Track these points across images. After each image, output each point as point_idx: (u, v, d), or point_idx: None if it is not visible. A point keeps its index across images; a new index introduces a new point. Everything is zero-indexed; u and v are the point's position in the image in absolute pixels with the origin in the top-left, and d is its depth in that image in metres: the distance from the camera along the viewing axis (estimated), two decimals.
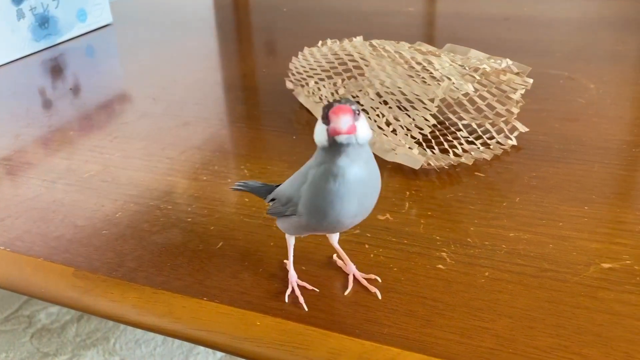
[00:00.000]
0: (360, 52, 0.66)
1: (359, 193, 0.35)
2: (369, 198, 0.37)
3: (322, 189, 0.35)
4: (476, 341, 0.37)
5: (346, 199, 0.35)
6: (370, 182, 0.36)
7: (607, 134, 0.60)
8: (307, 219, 0.37)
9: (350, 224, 0.37)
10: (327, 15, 1.10)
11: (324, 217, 0.36)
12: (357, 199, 0.35)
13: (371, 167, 0.36)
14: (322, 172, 0.35)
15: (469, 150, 0.59)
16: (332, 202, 0.35)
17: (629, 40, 0.87)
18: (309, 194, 0.36)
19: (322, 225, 0.37)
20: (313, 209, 0.36)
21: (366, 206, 0.37)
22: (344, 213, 0.36)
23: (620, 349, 0.35)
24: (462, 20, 1.04)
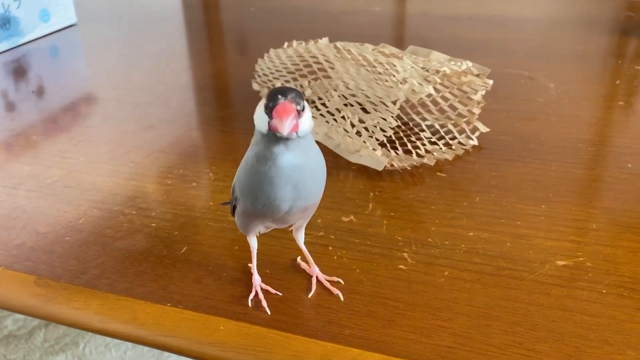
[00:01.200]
0: (325, 54, 0.66)
1: (294, 179, 0.35)
2: (308, 185, 0.37)
3: (253, 171, 0.36)
4: (435, 340, 0.38)
5: (276, 183, 0.35)
6: (307, 169, 0.36)
7: (564, 132, 0.62)
8: (243, 202, 0.38)
9: (290, 209, 0.37)
10: (294, 15, 1.10)
11: (256, 198, 0.36)
12: (291, 185, 0.36)
13: (311, 155, 0.36)
14: (254, 154, 0.36)
15: (431, 150, 0.60)
16: (261, 184, 0.36)
17: (589, 40, 0.89)
18: (242, 176, 0.37)
19: (257, 209, 0.37)
20: (245, 190, 0.37)
21: (305, 192, 0.37)
22: (275, 196, 0.36)
23: (571, 343, 0.37)
24: (428, 20, 1.05)
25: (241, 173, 0.38)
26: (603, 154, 0.58)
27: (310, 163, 0.36)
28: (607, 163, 0.56)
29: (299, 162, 0.35)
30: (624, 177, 0.54)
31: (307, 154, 0.36)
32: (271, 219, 0.38)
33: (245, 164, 0.37)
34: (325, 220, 0.50)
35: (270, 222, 0.39)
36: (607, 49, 0.86)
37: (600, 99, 0.70)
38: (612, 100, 0.69)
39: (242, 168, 0.37)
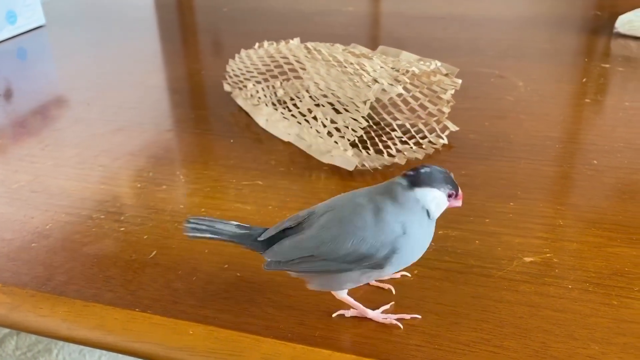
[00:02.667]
0: (296, 55, 0.66)
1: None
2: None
3: (422, 243, 0.38)
4: (404, 339, 0.38)
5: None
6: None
7: (533, 130, 0.63)
8: (389, 269, 0.37)
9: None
10: (267, 16, 1.10)
11: (409, 263, 0.38)
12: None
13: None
14: (426, 229, 0.38)
15: (402, 150, 0.60)
16: (422, 252, 0.39)
17: (557, 38, 0.91)
18: (412, 249, 0.38)
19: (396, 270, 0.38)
20: (409, 259, 0.38)
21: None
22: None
23: (537, 339, 0.37)
24: (401, 20, 1.06)
25: (409, 249, 0.37)
26: (570, 151, 0.59)
27: None
28: (574, 160, 0.57)
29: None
30: (590, 174, 0.55)
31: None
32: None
33: (418, 240, 0.38)
34: None
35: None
36: (575, 48, 0.87)
37: (568, 97, 0.71)
38: (579, 98, 0.70)
39: (413, 243, 0.37)
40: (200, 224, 0.39)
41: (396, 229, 0.36)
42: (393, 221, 0.36)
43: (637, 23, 0.87)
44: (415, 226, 0.37)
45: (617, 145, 0.59)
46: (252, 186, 0.55)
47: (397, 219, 0.36)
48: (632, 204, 0.50)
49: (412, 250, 0.37)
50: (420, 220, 0.37)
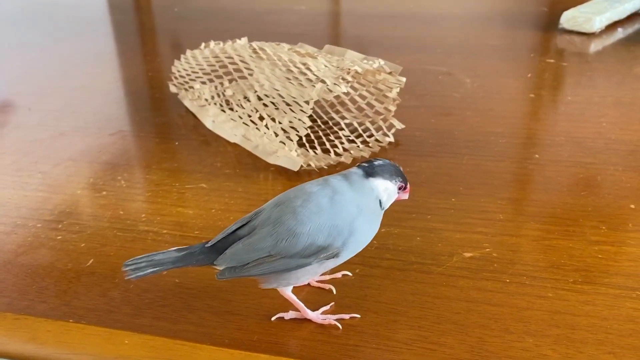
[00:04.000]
0: (241, 55, 0.65)
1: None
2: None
3: (374, 232, 0.39)
4: (342, 339, 0.38)
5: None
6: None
7: (477, 126, 0.64)
8: (348, 255, 0.38)
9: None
10: (219, 15, 1.08)
11: (360, 249, 0.38)
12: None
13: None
14: (376, 219, 0.39)
15: (349, 149, 0.60)
16: (369, 241, 0.39)
17: (505, 35, 0.92)
18: (363, 236, 0.38)
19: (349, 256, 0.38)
20: (361, 244, 0.38)
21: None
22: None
23: (474, 334, 0.38)
24: (351, 18, 1.06)
25: (361, 236, 0.38)
26: (513, 146, 0.59)
27: None
28: (517, 155, 0.58)
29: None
30: (531, 168, 0.56)
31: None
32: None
33: (367, 228, 0.38)
34: None
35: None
36: (522, 44, 0.89)
37: (513, 93, 0.72)
38: (523, 93, 0.71)
39: (364, 232, 0.38)
40: (139, 262, 0.37)
41: (352, 210, 0.37)
42: (350, 203, 0.37)
43: (581, 19, 0.89)
44: (369, 211, 0.38)
45: (558, 139, 0.60)
46: (195, 189, 0.54)
47: (353, 201, 0.37)
48: (570, 196, 0.51)
49: (366, 234, 0.38)
50: (374, 208, 0.38)
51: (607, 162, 0.55)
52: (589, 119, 0.64)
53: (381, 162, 0.39)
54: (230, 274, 0.37)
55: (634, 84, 0.72)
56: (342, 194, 0.37)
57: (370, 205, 0.38)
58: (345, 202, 0.37)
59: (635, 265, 0.43)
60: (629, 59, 0.80)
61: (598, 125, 0.62)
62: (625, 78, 0.74)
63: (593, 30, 0.88)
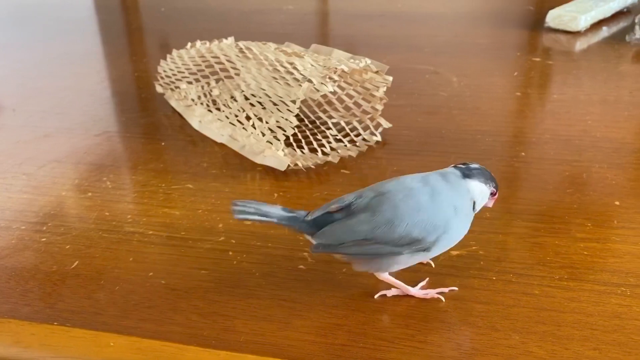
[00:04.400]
0: (227, 54, 0.65)
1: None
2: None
3: (464, 229, 0.40)
4: (330, 339, 0.38)
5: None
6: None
7: (464, 125, 0.64)
8: (435, 252, 0.39)
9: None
10: (205, 15, 1.08)
11: (450, 247, 0.40)
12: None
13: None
14: (470, 216, 0.40)
15: (336, 148, 0.60)
16: (459, 239, 0.40)
17: (492, 33, 0.93)
18: (457, 232, 0.39)
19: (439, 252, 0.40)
20: (452, 241, 0.39)
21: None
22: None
23: (460, 332, 0.38)
24: (339, 17, 1.06)
25: (455, 232, 0.39)
26: (499, 144, 0.60)
27: None
28: (503, 153, 0.58)
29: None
30: (517, 166, 0.56)
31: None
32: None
33: (463, 225, 0.39)
34: (227, 225, 0.49)
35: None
36: (508, 42, 0.89)
37: (499, 91, 0.72)
38: (510, 92, 0.72)
39: (460, 227, 0.39)
40: (248, 206, 0.39)
41: (449, 210, 0.38)
42: (447, 203, 0.38)
43: (566, 18, 0.89)
44: (463, 211, 0.39)
45: (544, 137, 0.61)
46: (181, 190, 0.54)
47: (451, 201, 0.38)
48: (556, 194, 0.51)
49: (458, 234, 0.39)
50: (468, 209, 0.39)
51: (593, 160, 0.56)
52: (574, 117, 0.64)
53: (477, 166, 0.40)
54: (325, 249, 0.39)
55: (619, 82, 0.73)
56: (441, 193, 0.38)
57: (465, 205, 0.39)
58: (443, 201, 0.38)
59: (620, 261, 0.43)
60: (614, 57, 0.80)
61: (584, 123, 0.62)
62: (611, 76, 0.75)
63: (578, 28, 0.88)
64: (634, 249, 0.44)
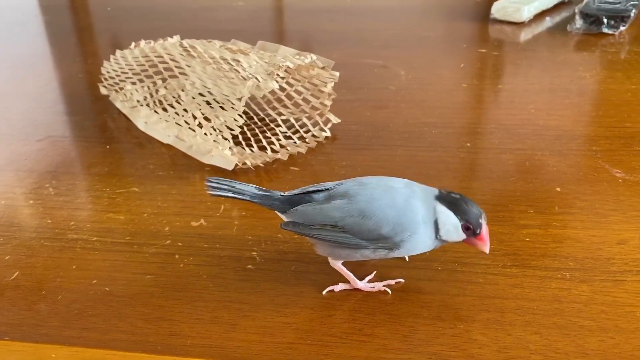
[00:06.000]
0: (171, 54, 0.64)
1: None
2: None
3: (425, 247, 0.39)
4: (277, 338, 0.38)
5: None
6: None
7: (411, 118, 0.64)
8: (397, 253, 0.39)
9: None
10: (153, 13, 1.06)
11: (411, 253, 0.40)
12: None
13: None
14: (431, 241, 0.39)
15: (286, 145, 0.60)
16: (424, 250, 0.40)
17: (438, 26, 0.94)
18: (415, 247, 0.39)
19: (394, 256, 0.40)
20: (415, 249, 0.39)
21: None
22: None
23: (406, 324, 0.38)
24: (289, 13, 1.05)
25: (414, 245, 0.38)
26: (445, 136, 0.61)
27: None
28: (449, 144, 0.59)
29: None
30: (462, 156, 0.57)
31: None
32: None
33: (422, 243, 0.38)
34: (173, 228, 0.48)
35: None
36: (455, 34, 0.90)
37: (446, 83, 0.73)
38: (456, 84, 0.73)
39: (418, 243, 0.38)
40: (222, 183, 0.40)
41: (419, 217, 0.37)
42: (419, 210, 0.38)
43: (510, 9, 0.91)
44: (430, 228, 0.38)
45: (489, 127, 0.62)
46: (127, 194, 0.53)
47: (422, 210, 0.38)
48: (500, 182, 0.52)
49: (422, 244, 0.38)
50: (431, 230, 0.38)
51: (535, 148, 0.57)
52: (518, 107, 0.66)
53: (457, 196, 0.38)
54: (294, 228, 0.39)
55: (561, 70, 0.75)
56: (417, 199, 0.38)
57: (430, 223, 0.38)
58: (416, 207, 0.38)
59: (560, 246, 0.44)
60: (556, 47, 0.82)
61: (527, 112, 0.64)
62: (553, 65, 0.77)
63: (522, 19, 0.90)
64: (573, 233, 0.46)
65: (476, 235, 0.38)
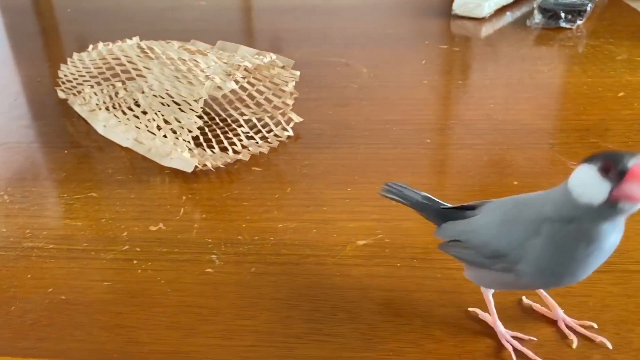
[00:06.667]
0: (128, 56, 0.63)
1: (603, 259, 0.30)
2: (604, 260, 0.31)
3: (568, 252, 0.29)
4: (236, 341, 0.37)
5: (592, 265, 0.29)
6: (615, 247, 0.30)
7: (373, 115, 0.65)
8: (531, 280, 0.31)
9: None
10: (114, 14, 1.04)
11: (557, 280, 0.31)
12: (598, 264, 0.30)
13: (622, 231, 0.30)
14: (573, 232, 0.28)
15: (247, 145, 0.59)
16: (576, 268, 0.29)
17: (400, 23, 0.95)
18: (546, 254, 0.30)
19: (544, 286, 0.33)
20: (547, 271, 0.30)
21: (595, 268, 0.31)
22: (580, 278, 0.30)
23: (366, 321, 0.38)
24: (252, 12, 1.05)
25: (543, 255, 0.30)
26: (406, 132, 0.61)
27: (619, 240, 0.30)
28: (409, 140, 0.59)
29: (617, 241, 0.29)
30: (422, 152, 0.57)
31: (621, 230, 0.29)
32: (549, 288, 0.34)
33: (552, 245, 0.29)
34: (132, 233, 0.48)
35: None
36: (417, 31, 0.91)
37: (407, 80, 0.74)
38: (417, 80, 0.73)
39: (546, 249, 0.30)
40: (395, 188, 0.40)
41: (529, 231, 0.30)
42: (532, 220, 0.30)
43: (471, 5, 0.92)
44: (557, 229, 0.29)
45: (448, 123, 0.62)
46: (85, 199, 0.52)
47: (537, 219, 0.30)
48: (459, 177, 0.53)
49: (553, 258, 0.30)
50: (564, 221, 0.29)
51: (493, 142, 0.58)
52: (477, 102, 0.66)
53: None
54: (441, 246, 0.37)
55: (520, 65, 0.76)
56: (530, 206, 0.32)
57: (559, 220, 0.29)
58: (525, 218, 0.31)
59: None
60: (516, 41, 0.84)
61: (486, 107, 0.65)
62: (513, 60, 0.78)
63: (483, 15, 0.92)
64: None
65: (624, 177, 0.26)
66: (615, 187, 0.26)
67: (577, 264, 0.29)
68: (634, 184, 0.26)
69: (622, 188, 0.26)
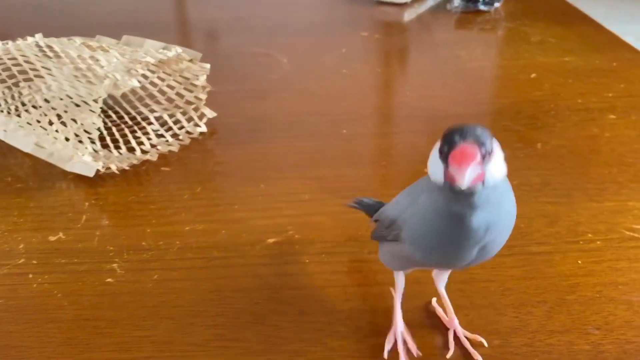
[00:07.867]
0: (25, 55, 0.59)
1: (484, 241, 0.28)
2: (498, 243, 0.29)
3: (433, 228, 0.28)
4: (134, 353, 0.36)
5: (464, 246, 0.28)
6: (500, 227, 0.28)
7: (292, 107, 0.63)
8: (411, 250, 0.30)
9: (468, 264, 0.30)
10: (26, 10, 0.98)
11: (431, 254, 0.30)
12: (479, 246, 0.28)
13: (504, 208, 0.28)
14: (434, 207, 0.28)
15: (156, 144, 0.57)
16: (443, 244, 0.29)
17: (322, 11, 0.93)
18: (416, 224, 0.30)
19: (429, 261, 0.31)
20: (420, 241, 0.30)
21: (492, 250, 0.30)
22: (457, 257, 0.29)
23: (270, 322, 0.37)
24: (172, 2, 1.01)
25: (414, 221, 0.30)
26: (323, 124, 0.60)
27: (502, 219, 0.28)
28: (326, 132, 0.59)
29: (490, 220, 0.27)
30: (339, 144, 0.57)
31: (499, 208, 0.28)
32: (439, 267, 0.34)
33: (421, 214, 0.29)
34: (29, 244, 0.45)
35: (431, 267, 0.35)
36: (340, 19, 0.90)
37: (327, 70, 0.73)
38: (337, 70, 0.73)
39: (417, 216, 0.29)
40: (357, 200, 0.41)
41: (412, 198, 0.31)
42: (416, 190, 0.31)
43: None
44: (424, 198, 0.29)
45: (365, 112, 0.62)
46: None
47: (420, 188, 0.31)
48: (371, 167, 0.53)
49: (422, 229, 0.29)
50: (431, 192, 0.28)
51: (408, 130, 0.58)
52: (394, 89, 0.66)
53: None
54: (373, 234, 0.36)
55: (437, 50, 0.76)
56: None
57: (429, 192, 0.29)
58: (415, 185, 0.32)
59: None
60: (437, 26, 0.84)
61: (402, 95, 0.65)
62: (432, 46, 0.78)
63: (405, 0, 0.91)
64: None
65: (446, 156, 0.26)
66: (445, 168, 0.26)
67: (445, 242, 0.29)
68: (453, 167, 0.25)
69: (448, 170, 0.26)
